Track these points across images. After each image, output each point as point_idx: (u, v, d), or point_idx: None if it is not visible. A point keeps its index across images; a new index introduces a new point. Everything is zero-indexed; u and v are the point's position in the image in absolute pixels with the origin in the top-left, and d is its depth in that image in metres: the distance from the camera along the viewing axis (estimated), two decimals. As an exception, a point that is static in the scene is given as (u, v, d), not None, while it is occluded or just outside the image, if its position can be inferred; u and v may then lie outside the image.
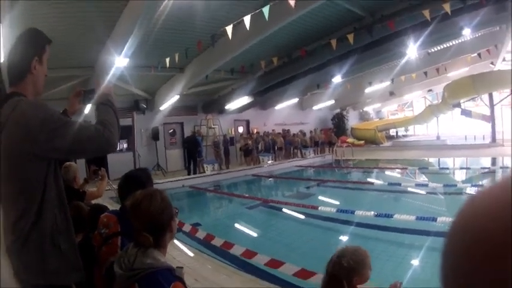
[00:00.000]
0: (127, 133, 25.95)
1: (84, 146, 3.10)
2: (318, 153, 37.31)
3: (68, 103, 4.06)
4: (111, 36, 17.36)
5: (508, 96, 36.84)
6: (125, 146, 28.73)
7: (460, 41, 28.44)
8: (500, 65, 34.99)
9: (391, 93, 44.50)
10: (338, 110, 49.21)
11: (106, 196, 10.53)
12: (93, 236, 4.34)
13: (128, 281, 2.68)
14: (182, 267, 2.92)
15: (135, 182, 4.18)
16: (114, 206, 7.40)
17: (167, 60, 20.01)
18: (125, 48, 16.76)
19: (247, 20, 15.03)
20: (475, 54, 31.08)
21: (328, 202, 17.37)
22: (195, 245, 10.92)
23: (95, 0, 14.64)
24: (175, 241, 10.41)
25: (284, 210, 15.96)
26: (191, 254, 9.88)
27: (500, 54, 30.58)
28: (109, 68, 18.45)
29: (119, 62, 17.98)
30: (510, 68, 33.10)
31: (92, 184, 8.34)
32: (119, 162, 23.12)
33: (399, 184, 20.23)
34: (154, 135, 29.59)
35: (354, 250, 3.74)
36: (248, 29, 15.37)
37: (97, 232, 4.17)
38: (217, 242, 10.74)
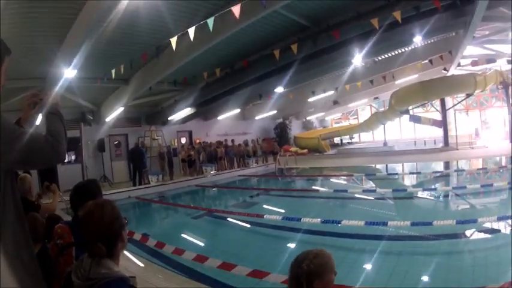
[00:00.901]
0: (75, 145, 25.95)
1: (35, 157, 3.04)
2: (260, 163, 37.74)
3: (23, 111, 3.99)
4: (61, 47, 17.15)
5: (463, 100, 37.52)
6: (73, 157, 28.45)
7: (410, 48, 28.70)
8: (454, 71, 35.45)
9: (335, 102, 44.72)
10: (280, 120, 49.62)
11: (57, 208, 10.48)
12: (50, 246, 4.37)
13: None
14: (135, 277, 3.00)
15: (86, 192, 4.28)
16: (65, 218, 7.32)
17: (113, 71, 19.91)
18: (74, 60, 16.72)
19: (191, 31, 14.97)
20: (426, 61, 31.35)
21: (273, 210, 17.43)
22: (145, 255, 10.84)
23: (47, 12, 14.55)
24: (125, 252, 9.95)
25: (229, 219, 15.96)
26: (141, 264, 9.84)
27: (454, 60, 30.72)
28: (59, 79, 18.30)
29: (68, 73, 17.93)
30: (464, 73, 33.90)
31: (45, 199, 8.25)
32: (68, 173, 22.99)
33: (345, 191, 20.39)
34: (100, 147, 29.43)
35: (316, 253, 3.63)
36: (192, 40, 15.36)
37: (53, 243, 4.20)
38: (168, 249, 10.75)
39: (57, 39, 16.53)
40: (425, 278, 8.47)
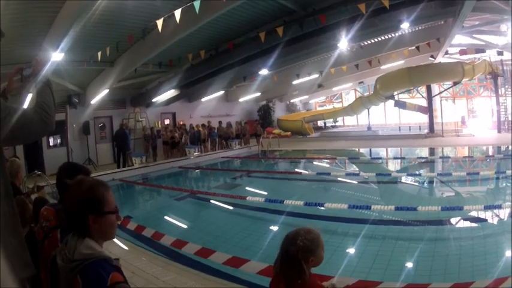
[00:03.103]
0: (61, 128, 25.67)
1: (24, 132, 3.05)
2: (243, 144, 37.67)
3: (7, 81, 3.88)
4: (50, 31, 17.15)
5: (449, 88, 37.51)
6: (59, 141, 28.35)
7: (397, 34, 28.55)
8: (442, 59, 35.53)
9: (320, 86, 44.96)
10: (264, 102, 49.74)
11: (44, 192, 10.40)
12: (36, 229, 4.30)
13: (71, 274, 2.62)
14: (118, 259, 2.89)
15: (72, 169, 4.21)
16: (52, 201, 7.21)
17: (99, 54, 19.90)
18: (62, 43, 16.61)
19: (177, 13, 14.96)
20: (413, 47, 31.37)
21: (256, 192, 17.34)
22: (128, 238, 10.80)
23: None
24: None
25: (212, 201, 15.97)
26: (125, 247, 9.80)
27: (442, 47, 30.90)
28: (46, 62, 18.00)
29: (56, 56, 17.77)
30: (452, 61, 33.84)
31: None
32: (54, 157, 23.28)
33: (328, 174, 20.48)
34: (86, 130, 29.37)
35: (307, 230, 3.72)
36: (178, 22, 15.38)
37: (39, 225, 4.16)
38: (148, 232, 10.83)
39: (46, 23, 16.53)
40: (409, 265, 8.40)
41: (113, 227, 2.92)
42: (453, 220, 11.34)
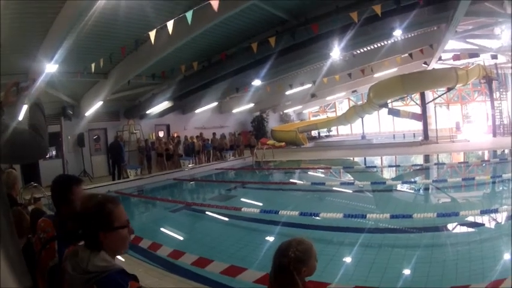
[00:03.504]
0: (56, 140, 25.70)
1: (21, 152, 3.07)
2: (237, 156, 37.75)
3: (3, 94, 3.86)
4: (44, 42, 17.18)
5: (443, 94, 37.59)
6: (54, 153, 28.15)
7: (390, 41, 28.68)
8: (435, 65, 35.56)
9: (313, 95, 44.77)
10: (258, 113, 49.68)
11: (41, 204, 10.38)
12: (34, 240, 4.25)
13: (87, 284, 2.63)
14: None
15: (65, 181, 4.21)
16: (49, 213, 7.19)
17: (92, 65, 19.86)
18: (56, 55, 16.65)
19: (170, 25, 15.00)
20: (406, 55, 31.36)
21: (251, 203, 17.46)
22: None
23: (30, 8, 14.58)
24: None
25: (207, 212, 16.04)
26: (121, 259, 9.42)
27: (435, 53, 30.91)
28: (41, 74, 18.17)
29: (50, 68, 17.79)
30: (445, 67, 33.93)
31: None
32: (50, 169, 22.86)
33: (323, 183, 20.53)
34: (80, 142, 29.16)
35: (299, 240, 3.72)
36: (171, 33, 15.42)
37: (36, 236, 4.09)
38: (145, 243, 10.72)
39: (40, 35, 16.59)
40: (406, 272, 8.37)
41: (124, 241, 2.97)
42: (449, 226, 11.37)
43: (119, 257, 8.39)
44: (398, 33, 23.13)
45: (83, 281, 2.64)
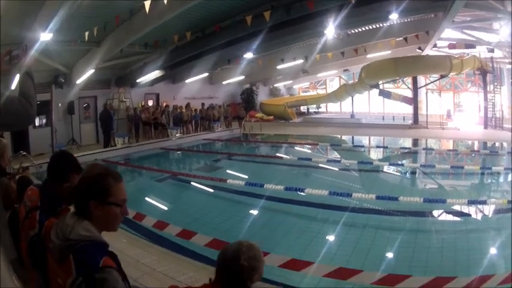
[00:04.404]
0: (46, 108, 25.04)
1: (10, 119, 3.11)
2: (226, 127, 37.80)
3: None
4: (40, 12, 16.93)
5: (436, 80, 37.51)
6: (44, 121, 27.76)
7: (386, 24, 28.49)
8: (430, 51, 35.40)
9: (304, 71, 44.34)
10: (248, 86, 49.25)
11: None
12: (19, 209, 4.22)
13: (64, 252, 2.65)
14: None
15: (67, 164, 4.13)
16: (35, 182, 7.13)
17: (86, 34, 19.90)
18: (51, 24, 16.49)
19: None
20: (401, 38, 31.31)
21: (237, 175, 17.50)
22: None
23: None
24: None
25: (193, 183, 16.03)
26: None
27: (431, 40, 30.80)
28: (36, 43, 17.90)
29: (44, 36, 17.61)
30: (439, 54, 33.86)
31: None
32: (39, 137, 23.31)
33: (310, 159, 20.62)
34: (70, 110, 28.87)
35: (248, 246, 3.41)
36: (166, 3, 15.52)
37: (22, 205, 4.06)
38: (130, 214, 10.50)
39: (37, 4, 16.38)
40: (390, 255, 8.43)
41: (115, 219, 2.94)
42: (435, 213, 11.42)
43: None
44: (394, 17, 22.99)
45: (62, 248, 2.66)
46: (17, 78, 3.34)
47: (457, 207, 11.50)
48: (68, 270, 2.58)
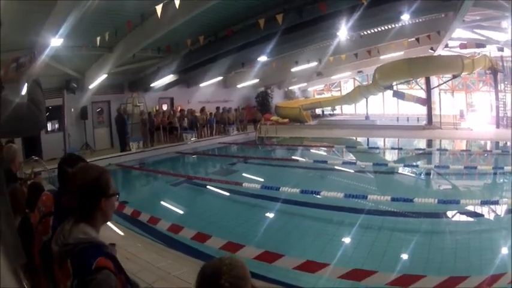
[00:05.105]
0: (58, 113, 25.25)
1: (19, 125, 3.14)
2: (241, 131, 37.66)
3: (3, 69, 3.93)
4: (50, 17, 16.93)
5: (448, 80, 37.36)
6: (56, 126, 27.95)
7: (398, 25, 28.34)
8: (442, 52, 35.19)
9: (319, 74, 44.27)
10: (262, 89, 49.12)
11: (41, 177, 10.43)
12: (32, 215, 4.32)
13: (63, 257, 2.71)
14: (114, 244, 3.06)
15: (72, 159, 4.30)
16: (47, 187, 7.23)
17: (98, 39, 19.92)
18: (61, 29, 16.54)
19: None
20: (413, 39, 31.18)
21: (252, 179, 17.42)
22: (124, 223, 10.86)
23: None
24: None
25: (208, 187, 16.09)
26: (121, 233, 9.91)
27: (442, 40, 30.67)
28: (46, 48, 18.03)
29: (54, 42, 17.68)
30: (451, 54, 33.79)
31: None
32: (51, 142, 23.43)
33: (325, 162, 20.44)
34: (83, 115, 28.99)
35: (231, 264, 2.71)
36: (178, 8, 15.39)
37: (36, 210, 4.13)
38: (144, 217, 10.85)
39: (46, 10, 16.34)
40: (405, 257, 8.44)
41: (113, 209, 3.06)
42: (449, 214, 11.41)
43: (118, 230, 8.46)
44: (406, 18, 22.97)
45: (61, 253, 2.74)
46: (25, 85, 3.46)
47: (470, 208, 11.49)
48: (67, 274, 2.67)
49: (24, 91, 3.46)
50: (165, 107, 36.81)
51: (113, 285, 2.59)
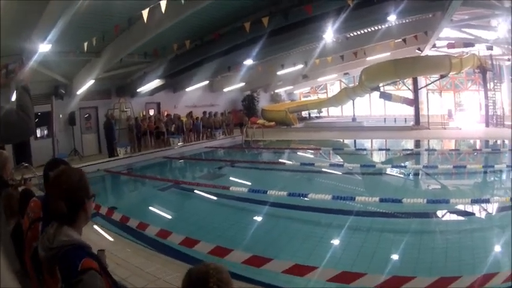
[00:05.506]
0: (47, 119, 25.38)
1: (9, 131, 3.13)
2: (227, 135, 37.71)
3: None
4: (38, 23, 17.04)
5: (436, 80, 37.58)
6: (45, 132, 27.87)
7: (384, 26, 28.29)
8: (429, 52, 35.31)
9: (304, 76, 44.18)
10: (248, 92, 49.21)
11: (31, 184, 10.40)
12: (23, 221, 4.29)
13: (51, 262, 2.73)
14: (103, 250, 3.24)
15: (54, 162, 4.36)
16: (38, 193, 7.17)
17: (85, 44, 19.81)
18: (50, 34, 16.57)
19: (163, 3, 14.96)
20: (400, 40, 31.24)
21: (240, 182, 17.51)
22: (112, 229, 10.87)
23: None
24: (95, 226, 10.57)
25: (196, 191, 16.06)
26: (110, 239, 9.93)
27: (430, 40, 30.71)
28: (34, 54, 17.93)
29: (43, 48, 17.66)
30: (438, 54, 33.86)
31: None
32: (40, 148, 23.27)
33: (312, 164, 20.45)
34: (71, 120, 28.94)
35: (216, 269, 2.88)
36: (164, 12, 15.38)
37: (26, 216, 4.11)
38: (133, 223, 10.72)
39: (36, 15, 16.39)
40: (395, 258, 8.41)
41: (91, 210, 3.14)
42: (439, 213, 11.39)
43: (107, 236, 8.43)
44: (392, 18, 23.10)
45: (48, 258, 2.76)
46: (14, 92, 3.39)
47: (460, 207, 11.49)
48: (57, 281, 2.64)
49: (13, 98, 3.40)
50: (151, 112, 36.86)
51: (100, 285, 2.58)
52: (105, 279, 2.73)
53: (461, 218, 11.16)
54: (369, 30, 30.20)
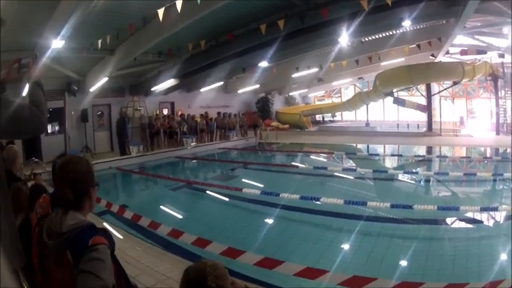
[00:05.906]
0: (59, 115, 25.53)
1: (21, 126, 3.12)
2: (241, 136, 37.66)
3: (5, 71, 3.89)
4: (51, 19, 17.04)
5: (449, 87, 37.45)
6: (57, 128, 28.01)
7: (399, 31, 28.40)
8: (442, 58, 35.34)
9: (319, 80, 44.22)
10: (263, 94, 49.19)
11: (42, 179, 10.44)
12: (32, 216, 4.11)
13: (61, 249, 2.72)
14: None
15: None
16: (49, 189, 7.25)
17: (99, 42, 19.86)
18: (63, 30, 16.59)
19: (179, 3, 14.88)
20: (414, 45, 31.11)
21: (252, 184, 17.34)
22: (123, 227, 10.93)
23: None
24: (105, 223, 10.50)
25: (208, 192, 16.06)
26: (120, 237, 9.88)
27: (443, 47, 30.80)
28: (47, 50, 18.11)
29: (56, 44, 17.73)
30: (452, 60, 33.80)
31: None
32: (52, 144, 23.42)
33: (325, 168, 20.35)
34: (84, 117, 28.87)
35: (213, 266, 3.04)
36: (179, 12, 15.29)
37: (35, 212, 3.97)
38: (144, 222, 10.74)
39: (48, 11, 16.43)
40: (403, 263, 8.41)
41: (95, 197, 3.18)
42: (449, 220, 11.38)
43: (117, 234, 8.50)
44: (407, 24, 23.12)
45: (57, 246, 2.75)
46: (26, 87, 3.46)
47: (469, 215, 11.48)
48: (65, 271, 2.67)
49: (25, 92, 3.46)
50: (165, 111, 36.81)
51: (109, 260, 2.65)
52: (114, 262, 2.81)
53: (470, 225, 11.15)
54: (384, 35, 30.10)
